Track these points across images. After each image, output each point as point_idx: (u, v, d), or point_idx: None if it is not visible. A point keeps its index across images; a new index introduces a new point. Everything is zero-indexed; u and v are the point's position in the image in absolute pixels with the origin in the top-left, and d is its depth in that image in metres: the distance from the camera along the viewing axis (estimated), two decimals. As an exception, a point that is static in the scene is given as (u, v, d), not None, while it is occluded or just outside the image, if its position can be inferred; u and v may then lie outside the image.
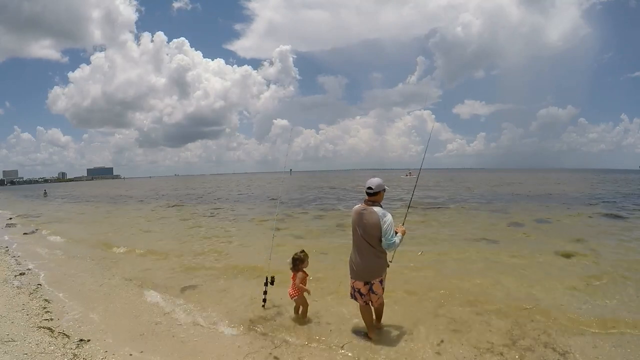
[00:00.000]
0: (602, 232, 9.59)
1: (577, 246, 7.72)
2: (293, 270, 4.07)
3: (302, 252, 4.14)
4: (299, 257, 4.09)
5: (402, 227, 3.61)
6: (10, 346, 3.40)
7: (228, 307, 4.59)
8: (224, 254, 7.72)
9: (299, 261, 4.06)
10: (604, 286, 5.11)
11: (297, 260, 4.07)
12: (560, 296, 4.75)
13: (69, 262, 7.27)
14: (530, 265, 6.24)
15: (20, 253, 8.13)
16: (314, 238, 9.32)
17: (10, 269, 6.57)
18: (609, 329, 3.79)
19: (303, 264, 4.08)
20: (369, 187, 3.48)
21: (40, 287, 5.47)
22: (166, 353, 3.41)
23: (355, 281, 3.53)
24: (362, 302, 3.56)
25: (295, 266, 4.06)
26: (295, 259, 4.08)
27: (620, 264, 6.25)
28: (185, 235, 10.49)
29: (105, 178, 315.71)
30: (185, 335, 3.79)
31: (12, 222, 14.99)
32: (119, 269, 6.64)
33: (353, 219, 3.52)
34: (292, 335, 3.74)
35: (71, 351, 3.35)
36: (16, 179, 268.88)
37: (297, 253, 4.13)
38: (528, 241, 8.45)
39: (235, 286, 5.46)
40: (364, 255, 3.44)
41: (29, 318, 4.15)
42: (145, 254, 7.90)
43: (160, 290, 5.32)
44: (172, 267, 6.71)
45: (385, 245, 3.37)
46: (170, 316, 4.33)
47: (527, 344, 3.48)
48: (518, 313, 4.19)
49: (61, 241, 9.80)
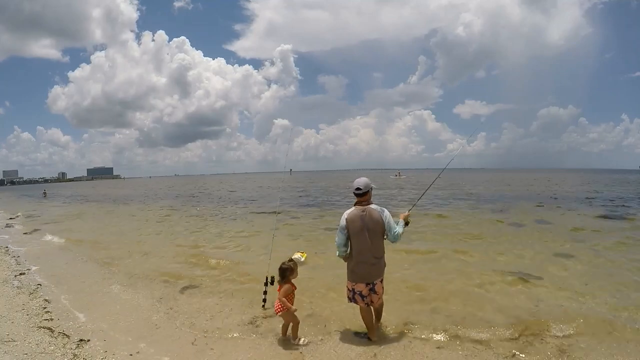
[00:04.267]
0: (602, 232, 9.58)
1: (577, 246, 7.71)
2: (280, 282, 3.63)
3: (290, 261, 3.69)
4: (287, 267, 3.61)
5: (404, 213, 3.66)
6: (10, 346, 3.40)
7: (228, 307, 4.59)
8: (224, 254, 7.72)
9: (288, 271, 3.60)
10: (604, 286, 5.10)
11: (285, 270, 3.60)
12: (560, 296, 4.75)
13: (69, 262, 7.27)
14: (531, 266, 6.24)
15: (20, 253, 8.14)
16: (313, 238, 9.32)
17: (10, 269, 6.58)
18: (609, 329, 3.78)
19: (292, 275, 3.62)
20: (357, 187, 3.48)
21: (40, 287, 5.47)
22: (166, 353, 3.41)
23: (356, 284, 3.49)
24: (363, 304, 3.53)
25: (284, 277, 3.60)
26: (284, 269, 3.61)
27: (621, 264, 6.26)
28: (185, 235, 10.49)
29: (105, 178, 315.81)
30: (185, 336, 3.79)
31: (12, 222, 15.00)
32: (119, 268, 6.64)
33: (354, 223, 3.42)
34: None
35: (71, 351, 3.35)
36: (16, 179, 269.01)
37: (285, 262, 3.67)
38: (528, 241, 8.44)
39: (235, 286, 5.46)
40: (370, 257, 3.42)
41: (29, 318, 4.15)
42: (146, 254, 7.90)
43: (161, 290, 5.33)
44: (173, 267, 6.71)
45: (392, 238, 3.45)
46: (170, 316, 4.33)
47: (528, 342, 3.48)
48: (518, 313, 4.19)
49: (61, 241, 9.79)
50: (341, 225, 3.48)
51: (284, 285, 3.59)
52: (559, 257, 6.81)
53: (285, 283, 3.60)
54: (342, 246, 3.52)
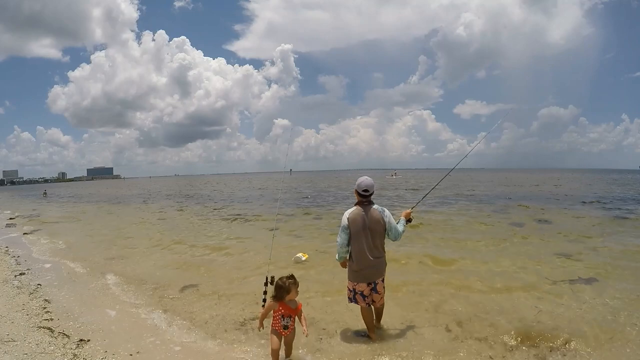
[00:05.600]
0: (603, 232, 9.57)
1: (577, 246, 7.70)
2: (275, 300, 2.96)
3: (290, 277, 2.98)
4: (282, 285, 2.92)
5: (407, 211, 3.72)
6: (10, 346, 3.40)
7: (228, 307, 4.59)
8: (224, 254, 7.72)
9: (282, 290, 2.91)
10: (605, 286, 5.10)
11: (280, 288, 2.92)
12: (561, 296, 4.74)
13: (69, 262, 7.26)
14: (531, 266, 6.23)
15: (20, 253, 8.14)
16: (313, 238, 9.31)
17: (10, 269, 6.57)
18: (609, 332, 3.77)
19: (288, 295, 2.92)
20: (365, 189, 3.48)
21: (40, 287, 5.47)
22: (166, 353, 3.40)
23: (358, 284, 3.49)
24: (365, 304, 3.53)
25: (277, 295, 2.94)
26: (279, 286, 2.94)
27: (621, 264, 6.25)
28: (185, 235, 10.48)
29: (105, 178, 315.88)
30: (185, 335, 3.79)
31: (12, 222, 14.99)
32: (120, 269, 6.63)
33: (355, 223, 3.42)
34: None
35: (71, 351, 3.34)
36: (16, 179, 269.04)
37: (283, 278, 2.97)
38: (528, 241, 8.43)
39: (235, 286, 5.46)
40: (371, 256, 3.42)
41: (29, 318, 4.15)
42: (146, 254, 7.91)
43: (160, 290, 5.33)
44: (173, 267, 6.72)
45: (393, 237, 3.50)
46: (170, 316, 4.33)
47: (530, 343, 3.48)
48: (519, 313, 4.18)
49: (61, 241, 9.78)
50: (343, 224, 3.47)
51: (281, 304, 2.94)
52: (559, 257, 6.79)
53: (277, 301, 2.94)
54: (344, 246, 3.50)
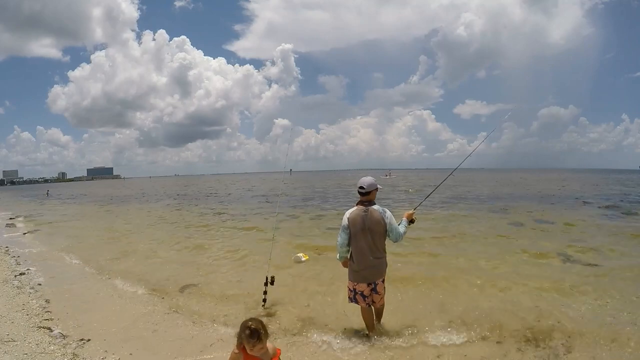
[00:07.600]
0: (603, 232, 9.58)
1: (577, 246, 7.69)
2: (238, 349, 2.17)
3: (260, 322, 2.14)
4: (253, 330, 2.08)
5: (409, 212, 3.66)
6: (10, 346, 3.39)
7: (228, 307, 4.59)
8: (224, 254, 7.72)
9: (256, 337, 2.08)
10: (604, 287, 5.09)
11: (254, 332, 2.08)
12: (561, 296, 4.74)
13: (69, 262, 7.27)
14: (531, 266, 6.24)
15: (21, 253, 8.14)
16: (313, 238, 9.31)
17: (10, 269, 6.57)
18: (610, 332, 3.77)
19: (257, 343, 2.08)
20: (360, 186, 3.48)
21: (40, 287, 5.47)
22: (166, 353, 3.41)
23: (358, 284, 3.49)
24: (365, 304, 3.53)
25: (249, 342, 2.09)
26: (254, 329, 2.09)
27: (621, 264, 6.25)
28: (185, 235, 10.48)
29: (105, 178, 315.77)
30: (185, 335, 3.79)
31: (12, 222, 14.99)
32: (120, 269, 6.63)
33: (355, 223, 3.42)
34: (292, 336, 3.74)
35: (71, 351, 3.34)
36: (16, 179, 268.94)
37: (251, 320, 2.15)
38: (529, 242, 8.43)
39: (234, 286, 5.46)
40: (371, 257, 3.42)
41: (29, 318, 4.15)
42: (145, 255, 7.90)
43: (161, 290, 5.33)
44: (172, 267, 6.71)
45: (394, 238, 3.46)
46: (170, 316, 4.32)
47: (530, 343, 3.47)
48: (519, 313, 4.18)
49: (61, 241, 9.80)
50: (343, 224, 3.48)
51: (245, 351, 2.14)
52: (560, 257, 6.79)
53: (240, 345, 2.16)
54: (344, 246, 3.51)
